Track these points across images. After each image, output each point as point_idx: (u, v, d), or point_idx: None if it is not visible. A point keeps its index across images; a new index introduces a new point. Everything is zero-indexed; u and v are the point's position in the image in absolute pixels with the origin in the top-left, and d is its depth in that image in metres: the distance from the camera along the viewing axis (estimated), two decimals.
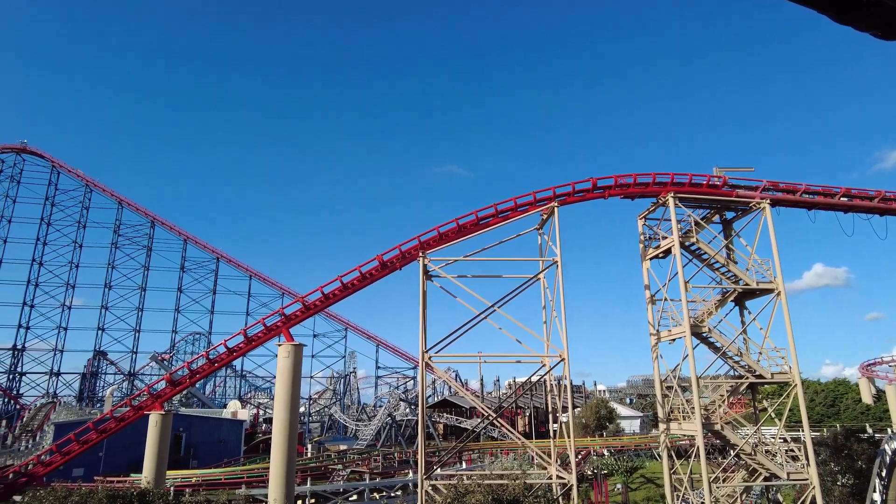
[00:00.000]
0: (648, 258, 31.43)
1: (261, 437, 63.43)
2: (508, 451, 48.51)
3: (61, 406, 68.14)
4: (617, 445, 56.09)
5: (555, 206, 28.39)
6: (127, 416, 27.18)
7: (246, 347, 28.31)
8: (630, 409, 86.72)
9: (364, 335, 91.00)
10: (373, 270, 28.60)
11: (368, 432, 68.23)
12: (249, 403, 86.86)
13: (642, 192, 30.31)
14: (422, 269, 27.25)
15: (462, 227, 28.84)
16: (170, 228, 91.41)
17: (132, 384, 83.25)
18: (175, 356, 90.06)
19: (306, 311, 28.61)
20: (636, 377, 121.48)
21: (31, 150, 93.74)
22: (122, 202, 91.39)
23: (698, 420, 25.50)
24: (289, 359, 25.37)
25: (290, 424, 24.80)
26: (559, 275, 26.96)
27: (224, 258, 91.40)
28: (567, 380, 26.70)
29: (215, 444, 50.81)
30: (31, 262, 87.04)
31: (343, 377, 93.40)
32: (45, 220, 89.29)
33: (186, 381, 28.38)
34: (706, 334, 28.09)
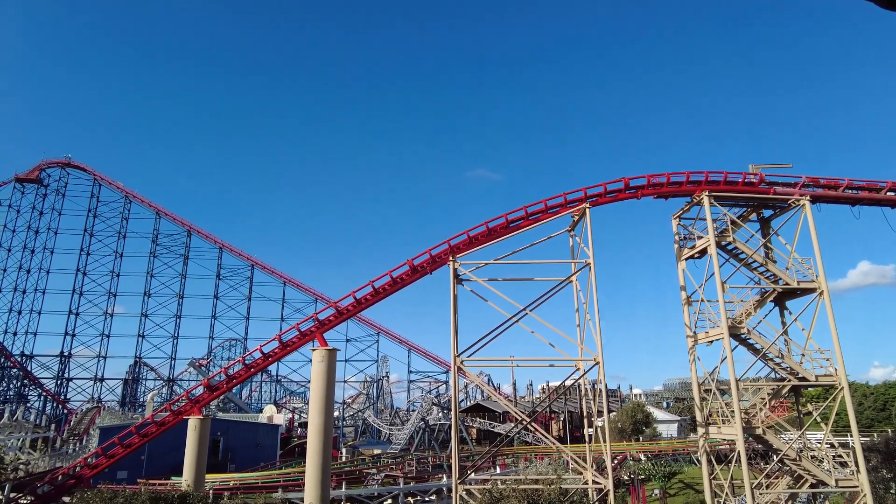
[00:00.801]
0: (684, 258, 30.75)
1: (296, 441, 64.20)
2: (543, 455, 48.03)
3: (105, 410, 70.33)
4: (654, 450, 55.00)
5: (586, 208, 28.05)
6: (167, 420, 27.86)
7: (281, 352, 28.72)
8: (667, 412, 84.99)
9: (396, 339, 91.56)
10: (403, 275, 28.72)
11: (402, 437, 68.44)
12: (285, 408, 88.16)
13: (676, 191, 29.71)
14: (452, 273, 27.24)
15: (492, 230, 28.73)
16: (205, 237, 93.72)
17: (171, 389, 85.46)
18: (212, 362, 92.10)
19: (339, 315, 28.88)
20: (672, 380, 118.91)
21: (74, 164, 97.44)
22: (160, 212, 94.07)
23: (738, 424, 24.78)
24: (323, 363, 25.64)
25: (325, 429, 25.04)
26: (592, 277, 26.62)
27: (258, 265, 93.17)
28: (602, 383, 26.30)
29: (252, 448, 51.63)
30: (75, 272, 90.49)
31: (376, 381, 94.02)
32: (88, 230, 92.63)
33: (224, 387, 28.94)
34: (745, 336, 27.32)
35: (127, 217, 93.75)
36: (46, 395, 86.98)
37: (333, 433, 37.56)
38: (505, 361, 29.90)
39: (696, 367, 29.25)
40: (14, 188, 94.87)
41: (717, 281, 27.05)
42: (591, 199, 28.80)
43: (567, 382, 28.35)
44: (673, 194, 29.90)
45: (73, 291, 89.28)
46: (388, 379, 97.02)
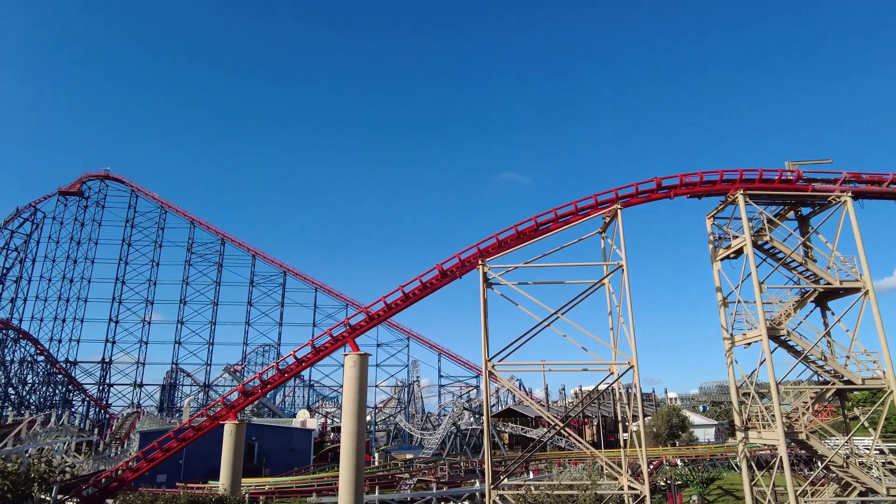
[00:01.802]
0: (719, 259, 30.04)
1: (329, 445, 64.78)
2: (577, 461, 47.38)
3: (145, 416, 72.17)
4: (691, 455, 53.71)
5: (618, 209, 27.65)
6: (204, 425, 28.38)
7: (314, 358, 29.01)
8: (703, 416, 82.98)
9: (426, 344, 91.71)
10: (433, 280, 28.73)
11: (434, 441, 68.38)
12: (318, 412, 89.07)
13: (709, 190, 29.08)
14: (482, 277, 27.15)
15: (521, 233, 28.55)
16: (239, 245, 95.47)
17: (207, 395, 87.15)
18: (246, 367, 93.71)
19: (370, 321, 29.05)
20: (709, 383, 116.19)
21: (113, 176, 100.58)
22: (194, 221, 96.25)
23: (780, 429, 24.01)
24: (355, 368, 25.81)
25: (358, 433, 25.17)
26: (625, 279, 26.20)
27: (291, 272, 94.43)
28: (636, 388, 25.83)
29: (286, 452, 52.29)
30: (114, 281, 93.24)
31: (407, 386, 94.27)
32: (126, 241, 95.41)
33: (258, 392, 29.37)
34: (784, 337, 26.52)
35: (163, 227, 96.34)
36: (89, 401, 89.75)
37: (366, 438, 37.76)
38: (536, 366, 29.54)
39: (734, 369, 28.50)
40: (58, 201, 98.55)
41: (754, 281, 26.33)
42: (623, 199, 28.39)
43: (601, 387, 27.91)
44: (706, 193, 29.28)
45: (113, 300, 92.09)
46: (419, 383, 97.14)
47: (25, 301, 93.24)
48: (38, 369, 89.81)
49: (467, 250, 28.26)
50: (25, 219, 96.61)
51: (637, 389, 26.11)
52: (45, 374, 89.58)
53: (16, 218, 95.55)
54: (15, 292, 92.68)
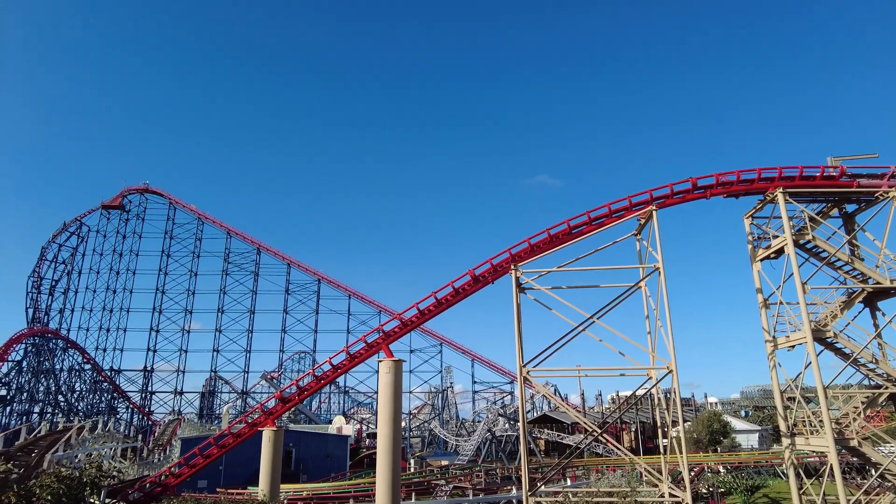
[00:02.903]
0: (759, 259, 29.19)
1: (365, 451, 65.16)
2: (615, 467, 46.54)
3: (185, 422, 73.90)
4: (734, 462, 52.24)
5: (653, 210, 27.19)
6: (243, 432, 28.87)
7: (349, 364, 29.26)
8: (746, 422, 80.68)
9: (459, 350, 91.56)
10: (465, 285, 28.68)
11: (469, 448, 68.12)
12: (353, 419, 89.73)
13: (747, 189, 28.34)
14: (514, 282, 26.99)
15: (554, 237, 28.30)
16: (274, 254, 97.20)
17: (245, 402, 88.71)
18: (283, 374, 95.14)
19: (404, 327, 29.16)
20: (751, 387, 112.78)
21: (152, 190, 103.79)
22: (231, 232, 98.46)
23: (829, 435, 23.11)
24: (389, 374, 25.93)
25: (394, 439, 25.25)
26: (662, 281, 25.70)
27: (324, 279, 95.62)
28: (676, 392, 25.25)
29: (323, 458, 52.77)
30: (155, 291, 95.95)
31: (440, 392, 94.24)
32: (166, 252, 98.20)
33: (295, 399, 29.73)
34: (831, 339, 25.55)
35: (200, 237, 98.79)
36: (133, 408, 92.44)
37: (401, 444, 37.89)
38: (572, 371, 29.17)
39: (777, 373, 27.60)
40: (101, 215, 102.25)
41: (796, 282, 25.49)
42: (658, 200, 27.91)
43: (639, 392, 27.40)
44: (744, 193, 28.55)
45: (154, 310, 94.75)
46: (453, 389, 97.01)
47: (73, 311, 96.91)
48: (86, 377, 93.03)
49: (499, 255, 28.16)
50: (72, 232, 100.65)
51: (676, 394, 25.53)
52: (92, 382, 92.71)
53: (63, 232, 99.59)
54: (63, 303, 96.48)
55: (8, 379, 79.41)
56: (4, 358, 74.09)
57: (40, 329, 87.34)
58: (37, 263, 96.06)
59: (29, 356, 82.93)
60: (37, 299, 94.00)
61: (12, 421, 79.19)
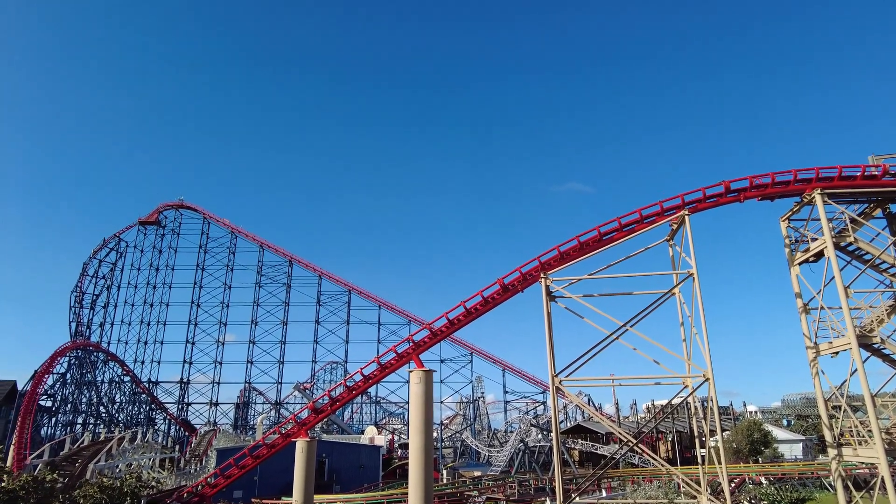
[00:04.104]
0: (797, 263, 28.32)
1: (397, 462, 65.11)
2: (651, 478, 45.45)
3: (221, 433, 75.08)
4: (777, 473, 50.46)
5: (685, 215, 26.72)
6: (277, 442, 29.19)
7: (380, 375, 29.38)
8: (788, 431, 77.97)
9: (489, 359, 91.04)
10: (494, 294, 28.57)
11: (501, 458, 67.47)
12: (385, 429, 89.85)
13: (783, 191, 27.61)
14: (544, 290, 26.76)
15: (584, 244, 28.00)
16: (305, 266, 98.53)
17: (279, 412, 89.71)
18: (315, 385, 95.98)
19: (433, 337, 29.16)
20: (792, 395, 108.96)
21: (187, 205, 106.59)
22: (263, 245, 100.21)
23: (879, 445, 22.15)
24: (420, 384, 25.90)
25: (426, 450, 25.16)
26: (696, 287, 25.16)
27: (354, 290, 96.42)
28: (713, 401, 24.59)
29: (355, 469, 52.89)
30: (190, 304, 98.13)
31: (471, 402, 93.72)
32: (200, 265, 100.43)
33: (328, 409, 29.96)
34: (878, 345, 24.58)
35: (234, 251, 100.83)
36: (170, 419, 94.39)
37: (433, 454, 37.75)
38: (605, 380, 28.71)
39: (821, 380, 26.63)
40: (138, 230, 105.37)
41: (838, 286, 24.62)
42: (690, 205, 27.41)
43: (675, 401, 26.78)
44: (780, 195, 27.83)
45: (190, 322, 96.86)
46: (484, 399, 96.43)
47: (113, 325, 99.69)
48: (125, 389, 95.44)
49: (528, 263, 27.98)
50: (111, 248, 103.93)
51: (714, 403, 24.87)
52: (131, 394, 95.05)
53: (103, 248, 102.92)
54: (104, 317, 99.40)
55: (53, 391, 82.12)
56: (50, 370, 76.57)
57: (83, 342, 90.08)
58: (79, 278, 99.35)
59: (72, 368, 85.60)
60: (79, 313, 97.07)
61: (58, 431, 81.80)
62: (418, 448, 25.17)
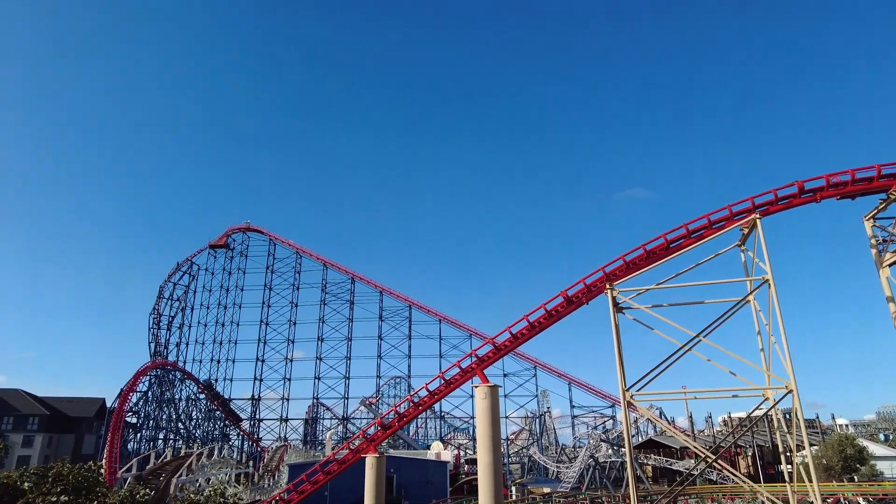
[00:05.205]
0: (886, 264, 26.44)
1: (464, 478, 64.73)
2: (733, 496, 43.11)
3: (291, 448, 77.08)
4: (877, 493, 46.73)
5: (756, 219, 25.52)
6: (347, 458, 29.67)
7: (445, 390, 29.41)
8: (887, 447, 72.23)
9: (554, 373, 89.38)
10: (558, 307, 28.14)
11: (571, 474, 65.85)
12: (450, 444, 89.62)
13: (865, 188, 25.97)
14: (611, 301, 26.11)
15: (650, 252, 27.23)
16: (367, 283, 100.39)
17: (346, 427, 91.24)
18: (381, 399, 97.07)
19: (497, 352, 28.98)
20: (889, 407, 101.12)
21: (253, 228, 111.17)
22: (327, 264, 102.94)
23: None
24: (486, 400, 25.75)
25: (495, 466, 24.92)
26: (772, 294, 23.91)
27: (415, 305, 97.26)
28: (798, 414, 23.15)
29: (423, 484, 52.96)
30: (259, 323, 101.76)
31: (537, 417, 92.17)
32: (268, 285, 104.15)
33: (395, 425, 30.21)
34: None
35: (299, 270, 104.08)
36: (243, 435, 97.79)
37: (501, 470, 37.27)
38: (678, 393, 27.64)
39: None
40: (208, 254, 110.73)
41: None
42: (761, 208, 26.19)
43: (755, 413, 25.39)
44: (861, 193, 26.18)
45: (259, 340, 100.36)
46: (551, 414, 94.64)
47: (188, 345, 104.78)
48: (201, 406, 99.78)
49: (592, 274, 27.44)
50: (184, 272, 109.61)
51: (798, 416, 23.40)
52: (206, 411, 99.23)
53: (177, 272, 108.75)
54: (179, 337, 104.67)
55: (137, 408, 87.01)
56: (134, 388, 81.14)
57: (161, 362, 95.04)
58: (156, 301, 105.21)
59: (153, 387, 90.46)
60: (157, 334, 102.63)
61: (142, 446, 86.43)
62: (487, 464, 24.97)
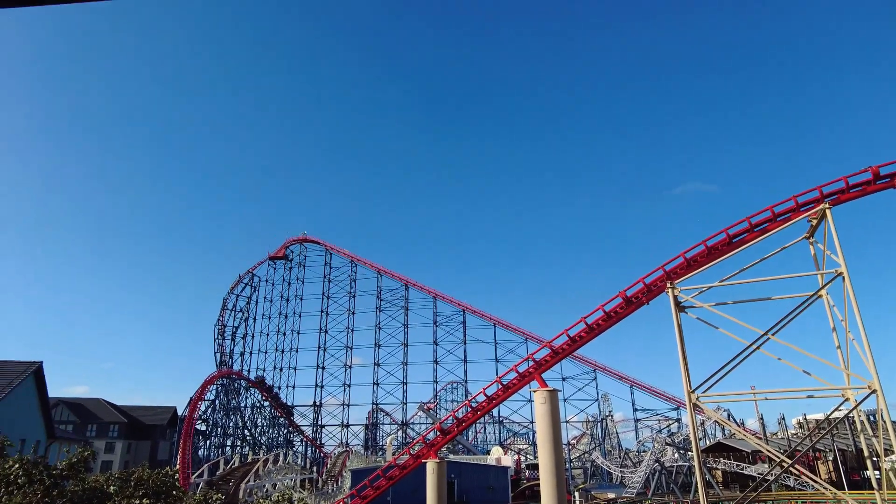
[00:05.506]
0: None
1: (525, 483, 64.06)
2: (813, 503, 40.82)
3: (353, 454, 78.41)
4: None
5: (825, 208, 24.16)
6: (408, 463, 29.90)
7: (503, 395, 29.23)
8: None
9: (615, 376, 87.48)
10: (617, 308, 27.52)
11: (636, 479, 64.04)
12: (510, 449, 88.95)
13: None
14: (672, 300, 25.27)
15: (711, 248, 26.26)
16: (420, 288, 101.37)
17: (405, 433, 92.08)
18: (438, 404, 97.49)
19: (555, 355, 28.57)
20: None
21: (310, 239, 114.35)
22: (381, 271, 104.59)
23: None
24: (546, 404, 25.42)
25: (557, 471, 24.55)
26: (847, 287, 22.54)
27: (469, 310, 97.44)
28: (884, 415, 21.69)
29: (484, 490, 52.77)
30: (318, 331, 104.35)
31: (599, 421, 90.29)
32: (325, 294, 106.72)
33: (454, 430, 30.24)
34: None
35: (354, 279, 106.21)
36: (306, 441, 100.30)
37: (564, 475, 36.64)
38: (746, 395, 26.46)
39: None
40: (268, 265, 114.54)
41: None
42: (830, 197, 24.81)
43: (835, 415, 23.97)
44: None
45: (319, 348, 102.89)
46: (612, 418, 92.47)
47: (251, 354, 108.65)
48: (265, 413, 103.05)
49: (652, 273, 26.74)
50: (246, 283, 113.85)
51: (885, 417, 21.93)
52: (271, 418, 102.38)
53: (238, 283, 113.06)
54: (243, 347, 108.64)
55: (206, 415, 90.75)
56: (202, 397, 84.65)
57: (227, 371, 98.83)
58: (220, 313, 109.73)
59: (220, 395, 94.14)
60: (222, 345, 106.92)
61: (211, 453, 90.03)
62: (549, 469, 24.62)
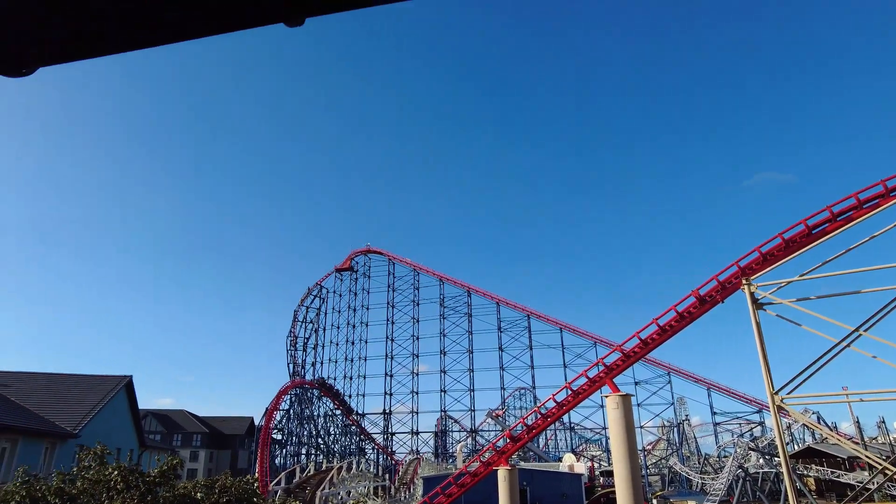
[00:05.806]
0: None
1: (600, 490, 62.41)
2: None
3: (424, 462, 78.97)
4: None
5: None
6: (479, 471, 29.77)
7: (574, 401, 28.63)
8: None
9: (690, 378, 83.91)
10: (690, 308, 26.41)
11: (718, 487, 61.07)
12: (583, 456, 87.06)
13: None
14: (749, 298, 23.98)
15: (789, 241, 24.79)
16: (483, 294, 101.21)
17: (475, 440, 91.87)
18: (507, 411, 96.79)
19: (626, 359, 27.74)
20: None
21: (373, 250, 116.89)
22: (443, 279, 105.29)
23: None
24: (618, 410, 24.69)
25: (633, 478, 23.76)
26: None
27: (533, 314, 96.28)
28: None
29: (557, 497, 51.82)
30: (385, 340, 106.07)
31: (675, 426, 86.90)
32: (390, 303, 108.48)
33: (525, 437, 29.88)
34: None
35: (418, 287, 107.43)
36: (378, 448, 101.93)
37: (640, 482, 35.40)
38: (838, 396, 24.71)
39: None
40: (335, 277, 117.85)
41: None
42: None
43: None
44: None
45: (386, 356, 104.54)
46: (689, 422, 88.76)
47: (322, 364, 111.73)
48: (337, 422, 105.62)
49: (725, 270, 25.51)
50: (315, 295, 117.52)
51: None
52: (343, 426, 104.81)
53: (308, 296, 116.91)
54: (314, 357, 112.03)
55: (281, 425, 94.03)
56: (277, 407, 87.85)
57: (300, 381, 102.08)
58: (291, 325, 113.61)
59: (294, 405, 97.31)
60: (294, 355, 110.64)
61: (287, 461, 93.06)
62: (624, 476, 23.86)
